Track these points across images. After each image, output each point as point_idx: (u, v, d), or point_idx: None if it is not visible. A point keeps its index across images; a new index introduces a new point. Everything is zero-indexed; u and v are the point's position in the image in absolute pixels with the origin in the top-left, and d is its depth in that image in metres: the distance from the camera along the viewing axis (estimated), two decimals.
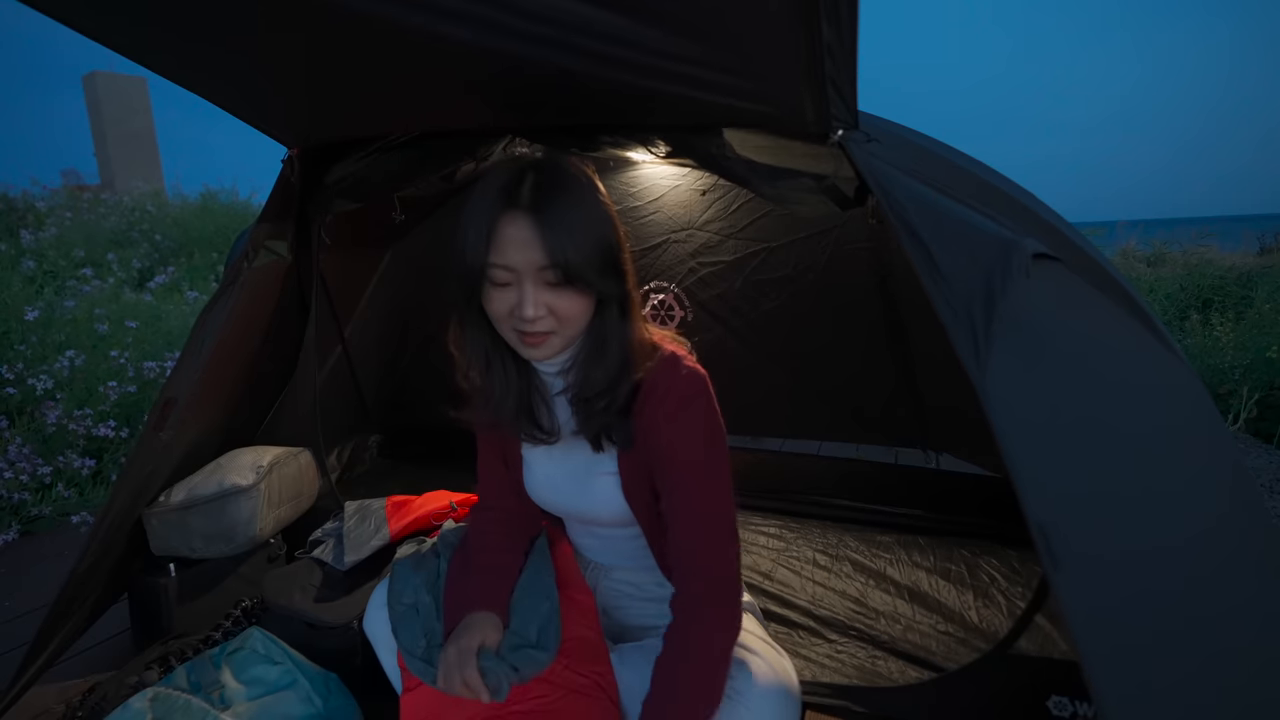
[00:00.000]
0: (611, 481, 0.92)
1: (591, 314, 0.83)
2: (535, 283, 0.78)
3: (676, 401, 0.84)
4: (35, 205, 5.40)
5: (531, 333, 0.80)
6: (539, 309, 0.78)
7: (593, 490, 0.93)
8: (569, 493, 0.97)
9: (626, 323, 0.85)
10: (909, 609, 1.51)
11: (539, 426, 0.93)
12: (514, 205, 0.77)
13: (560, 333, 0.81)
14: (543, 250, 0.76)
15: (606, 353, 0.84)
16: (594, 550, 1.09)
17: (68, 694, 1.27)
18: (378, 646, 0.98)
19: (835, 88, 0.81)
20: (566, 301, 0.79)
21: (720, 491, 0.85)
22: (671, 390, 0.85)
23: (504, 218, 0.77)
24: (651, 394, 0.85)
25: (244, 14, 0.87)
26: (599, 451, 0.90)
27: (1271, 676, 0.64)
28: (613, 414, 0.85)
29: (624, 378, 0.84)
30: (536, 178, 0.79)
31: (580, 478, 0.94)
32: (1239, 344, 3.39)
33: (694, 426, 0.84)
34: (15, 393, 2.60)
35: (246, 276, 1.44)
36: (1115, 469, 0.71)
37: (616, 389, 0.84)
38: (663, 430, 0.84)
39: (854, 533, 1.82)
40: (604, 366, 0.84)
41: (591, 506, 0.95)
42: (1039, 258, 0.77)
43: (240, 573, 1.54)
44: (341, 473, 2.09)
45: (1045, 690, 1.14)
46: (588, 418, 0.87)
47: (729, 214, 1.83)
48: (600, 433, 0.88)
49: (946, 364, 0.95)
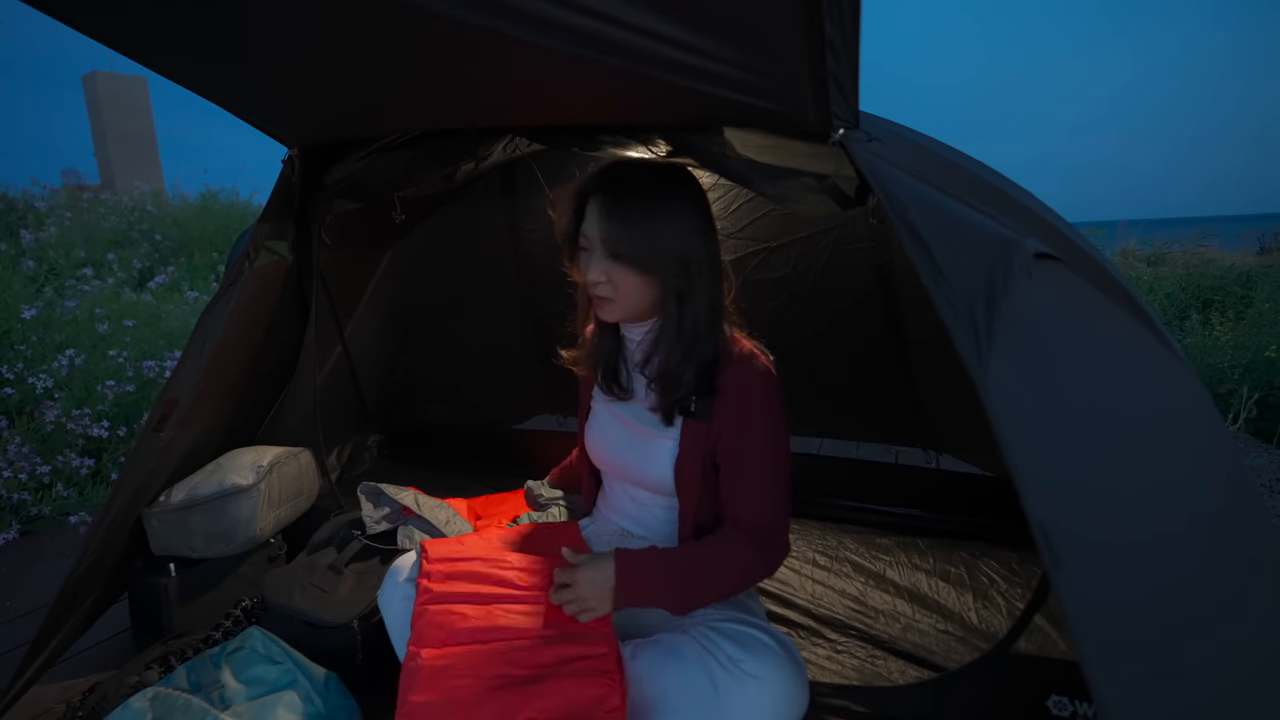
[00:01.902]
0: (669, 447, 1.03)
1: (657, 296, 0.99)
2: (599, 250, 0.96)
3: (749, 391, 0.98)
4: (35, 205, 5.39)
5: (596, 295, 0.98)
6: (599, 275, 0.96)
7: (647, 452, 1.05)
8: (624, 448, 1.09)
9: (695, 313, 0.98)
10: (909, 609, 1.50)
11: (617, 383, 1.10)
12: (597, 190, 0.98)
13: (619, 302, 0.98)
14: (601, 224, 0.95)
15: (677, 335, 0.98)
16: (626, 515, 1.15)
17: (68, 694, 1.27)
18: (389, 619, 1.00)
19: (837, 85, 0.81)
20: (622, 275, 0.96)
21: (774, 471, 1.00)
22: (747, 381, 0.99)
23: (591, 199, 0.98)
24: (730, 382, 0.99)
25: (245, 13, 0.87)
26: (668, 425, 1.03)
27: (1270, 673, 0.64)
28: (685, 392, 0.99)
29: (689, 360, 0.98)
30: (622, 171, 0.99)
31: (640, 438, 1.07)
32: (1239, 344, 3.39)
33: (759, 416, 0.99)
34: (14, 393, 2.60)
35: (247, 276, 1.44)
36: (1116, 468, 0.71)
37: (684, 368, 0.99)
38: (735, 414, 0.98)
39: (853, 533, 1.82)
40: (672, 345, 0.99)
41: (642, 467, 1.06)
42: (1040, 257, 0.77)
43: (240, 573, 1.54)
44: (341, 473, 2.09)
45: (1045, 690, 1.14)
46: (663, 391, 1.01)
47: (729, 214, 1.83)
48: (674, 406, 1.01)
49: (947, 364, 0.95)
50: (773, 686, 0.84)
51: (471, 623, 0.89)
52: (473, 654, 0.85)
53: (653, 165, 1.04)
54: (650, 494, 1.10)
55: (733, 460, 1.00)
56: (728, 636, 0.90)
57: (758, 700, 0.83)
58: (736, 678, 0.84)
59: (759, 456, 0.99)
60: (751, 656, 0.86)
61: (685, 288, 0.97)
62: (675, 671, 0.87)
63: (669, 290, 0.98)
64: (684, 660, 0.88)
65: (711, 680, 0.85)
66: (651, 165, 1.04)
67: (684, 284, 0.97)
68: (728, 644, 0.88)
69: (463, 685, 0.82)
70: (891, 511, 1.89)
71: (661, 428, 1.03)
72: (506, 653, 0.85)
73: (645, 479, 1.07)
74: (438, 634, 0.87)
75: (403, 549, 1.40)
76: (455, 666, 0.84)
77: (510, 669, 0.84)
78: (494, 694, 0.81)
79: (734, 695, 0.83)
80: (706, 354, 0.99)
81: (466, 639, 0.87)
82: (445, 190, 1.77)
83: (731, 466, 1.00)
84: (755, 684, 0.84)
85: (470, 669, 0.84)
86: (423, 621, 0.89)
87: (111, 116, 9.79)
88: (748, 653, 0.86)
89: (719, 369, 1.00)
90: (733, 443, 0.99)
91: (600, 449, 1.14)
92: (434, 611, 0.90)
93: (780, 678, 0.85)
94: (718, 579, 0.96)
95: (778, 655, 0.88)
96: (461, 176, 1.53)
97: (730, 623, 0.94)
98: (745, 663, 0.85)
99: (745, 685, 0.84)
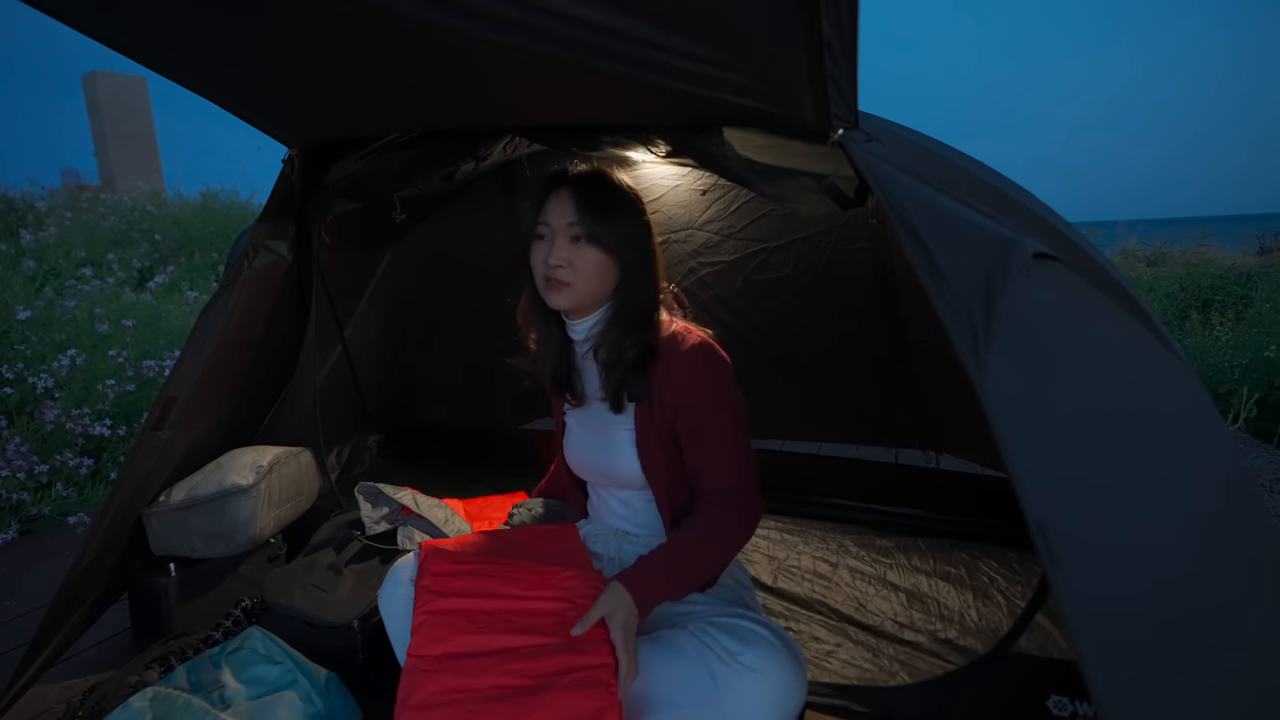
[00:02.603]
0: (627, 437, 1.07)
1: (612, 279, 1.03)
2: (563, 236, 1.01)
3: (685, 361, 1.02)
4: (35, 205, 5.39)
5: (553, 279, 1.01)
6: (560, 258, 1.00)
7: (612, 447, 1.09)
8: (593, 449, 1.13)
9: (645, 294, 1.04)
10: (908, 609, 1.51)
11: (571, 389, 1.13)
12: (560, 182, 1.03)
13: (575, 285, 1.01)
14: (573, 211, 1.00)
15: (626, 316, 1.03)
16: (616, 515, 1.17)
17: (68, 694, 1.27)
18: (389, 621, 1.00)
19: (836, 86, 0.81)
20: (584, 258, 1.00)
21: (728, 424, 1.03)
22: (682, 352, 1.02)
23: (553, 192, 1.03)
24: (665, 356, 1.03)
25: (246, 12, 0.87)
26: (619, 413, 1.06)
27: (1269, 670, 0.64)
28: (626, 368, 1.03)
29: (637, 335, 1.03)
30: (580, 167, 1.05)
31: (602, 436, 1.10)
32: (1238, 344, 3.39)
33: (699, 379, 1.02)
34: (14, 392, 2.60)
35: (247, 276, 1.44)
36: (1115, 468, 0.71)
37: (627, 343, 1.03)
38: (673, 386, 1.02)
39: (853, 535, 1.82)
40: (622, 327, 1.03)
41: (611, 463, 1.10)
42: (1039, 257, 0.77)
43: (240, 573, 1.54)
44: (341, 473, 2.09)
45: (1045, 690, 1.14)
46: (607, 371, 1.05)
47: (729, 214, 1.83)
48: (618, 389, 1.04)
49: (947, 364, 0.95)
50: (771, 678, 0.85)
51: (471, 630, 0.88)
52: (472, 662, 0.85)
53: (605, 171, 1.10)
54: (631, 491, 1.13)
55: (690, 435, 1.03)
56: (726, 631, 0.90)
57: (756, 692, 0.84)
58: (735, 670, 0.85)
59: (712, 424, 1.02)
60: (750, 649, 0.86)
61: (640, 265, 1.04)
62: (674, 667, 0.88)
63: (625, 269, 1.04)
64: (683, 655, 0.89)
65: (710, 673, 0.85)
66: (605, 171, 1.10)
67: (639, 262, 1.04)
68: (726, 638, 0.89)
69: (462, 694, 0.82)
70: (892, 511, 1.89)
71: (616, 419, 1.07)
72: (505, 662, 0.85)
73: (615, 474, 1.11)
74: (437, 641, 0.87)
75: (402, 549, 1.39)
76: (454, 674, 0.84)
77: (509, 679, 0.83)
78: (493, 704, 0.81)
79: (732, 688, 0.83)
80: (647, 333, 1.04)
81: (466, 647, 0.87)
82: (445, 190, 1.76)
83: (690, 441, 1.03)
84: (754, 676, 0.84)
85: (469, 677, 0.83)
86: (422, 629, 0.89)
87: (111, 116, 9.78)
88: (746, 646, 0.87)
89: (655, 347, 1.04)
90: (686, 418, 1.03)
91: (577, 459, 1.18)
92: (433, 618, 0.90)
93: (779, 670, 0.86)
94: (707, 558, 0.99)
95: (775, 648, 0.88)
96: (461, 176, 1.53)
97: (728, 618, 0.94)
98: (743, 655, 0.86)
99: (744, 677, 0.84)
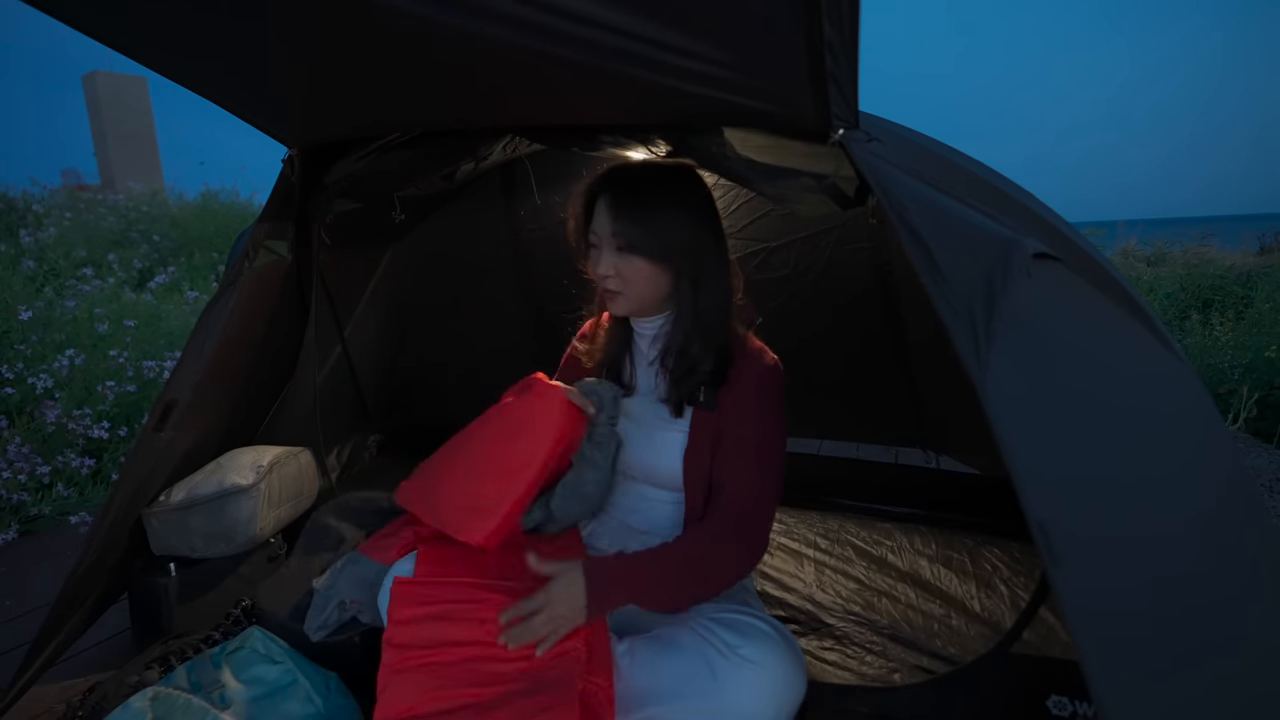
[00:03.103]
0: (679, 439, 1.04)
1: (666, 286, 1.02)
2: (609, 245, 1.00)
3: (755, 382, 1.01)
4: (34, 205, 5.39)
5: (606, 289, 1.03)
6: (608, 269, 1.01)
7: (657, 445, 1.06)
8: (634, 442, 1.09)
9: (710, 300, 1.02)
10: (908, 608, 1.51)
11: (619, 378, 1.13)
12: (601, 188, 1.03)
13: (627, 294, 1.02)
14: (611, 221, 0.99)
15: (694, 321, 1.01)
16: (631, 511, 1.14)
17: (68, 694, 1.27)
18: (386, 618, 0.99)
19: (836, 85, 0.81)
20: (631, 267, 1.00)
21: (767, 459, 1.00)
22: (755, 373, 1.02)
23: (599, 198, 1.02)
24: (739, 373, 1.02)
25: (244, 13, 0.87)
26: (678, 417, 1.05)
27: (1268, 669, 0.64)
28: (699, 381, 1.02)
29: (704, 344, 1.01)
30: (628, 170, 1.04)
31: (648, 432, 1.08)
32: (1239, 344, 3.39)
33: (761, 406, 1.01)
34: (14, 393, 2.60)
35: (247, 276, 1.44)
36: (1115, 467, 0.71)
37: (703, 356, 1.01)
38: (739, 403, 1.01)
39: (854, 533, 1.82)
40: (689, 333, 1.02)
41: (654, 460, 1.07)
42: (1040, 257, 0.77)
43: (240, 572, 1.54)
44: (341, 473, 2.09)
45: (1045, 690, 1.14)
46: (677, 382, 1.04)
47: (729, 214, 1.83)
48: (685, 397, 1.04)
49: (947, 364, 0.95)
50: (770, 671, 0.85)
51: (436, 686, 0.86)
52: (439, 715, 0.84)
53: (658, 164, 1.07)
54: (656, 489, 1.10)
55: (732, 445, 1.01)
56: (725, 625, 0.91)
57: (755, 684, 0.84)
58: (734, 663, 0.85)
59: (754, 436, 1.01)
60: (748, 642, 0.87)
61: (698, 274, 1.01)
62: (674, 661, 0.88)
63: (681, 278, 1.01)
64: (682, 650, 0.89)
65: (710, 666, 0.85)
66: (656, 164, 1.07)
67: (696, 270, 1.01)
68: (725, 632, 0.89)
69: None
70: (892, 511, 1.89)
71: (671, 420, 1.05)
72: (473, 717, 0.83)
73: (654, 474, 1.08)
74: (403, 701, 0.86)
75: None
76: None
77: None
78: None
79: (732, 680, 0.84)
80: (722, 342, 1.02)
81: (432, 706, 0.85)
82: (445, 190, 1.76)
83: (728, 452, 1.01)
84: (752, 668, 0.85)
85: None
86: (389, 690, 0.88)
87: (111, 116, 9.78)
88: (745, 639, 0.87)
89: (732, 359, 1.02)
90: (735, 429, 1.01)
91: None
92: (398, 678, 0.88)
93: (778, 662, 0.86)
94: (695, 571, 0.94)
95: (774, 641, 0.89)
96: (461, 176, 1.53)
97: (727, 613, 0.95)
98: (742, 648, 0.86)
99: (743, 670, 0.84)
